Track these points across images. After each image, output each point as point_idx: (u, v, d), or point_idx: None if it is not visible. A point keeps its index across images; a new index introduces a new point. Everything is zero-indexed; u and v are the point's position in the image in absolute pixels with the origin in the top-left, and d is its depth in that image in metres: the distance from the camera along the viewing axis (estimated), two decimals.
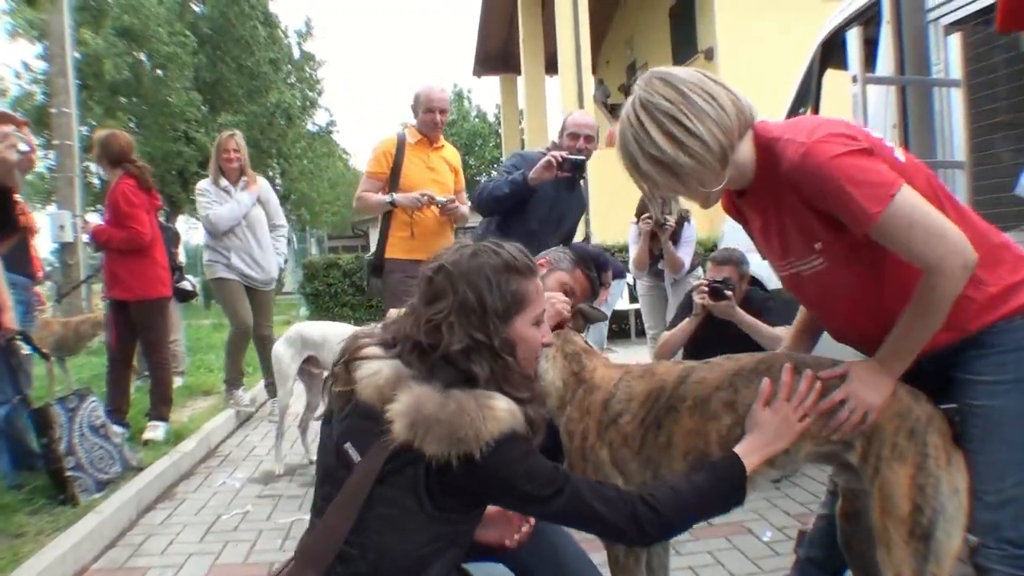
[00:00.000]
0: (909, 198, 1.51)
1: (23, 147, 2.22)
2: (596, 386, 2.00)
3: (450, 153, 4.64)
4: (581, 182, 4.24)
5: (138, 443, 4.53)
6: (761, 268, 3.87)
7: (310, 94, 26.08)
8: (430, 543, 1.48)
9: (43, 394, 4.32)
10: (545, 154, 3.82)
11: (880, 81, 3.23)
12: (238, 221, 5.40)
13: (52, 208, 11.58)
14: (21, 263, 4.05)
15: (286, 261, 5.47)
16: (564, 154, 3.71)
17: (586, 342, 2.23)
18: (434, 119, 4.36)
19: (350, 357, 1.55)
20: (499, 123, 25.62)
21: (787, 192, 1.63)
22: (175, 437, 4.68)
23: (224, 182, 5.42)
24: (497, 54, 18.22)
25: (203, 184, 5.49)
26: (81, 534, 3.11)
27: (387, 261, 4.32)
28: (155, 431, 4.70)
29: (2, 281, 3.58)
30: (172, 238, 6.39)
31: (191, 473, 4.40)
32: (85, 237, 4.43)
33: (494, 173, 4.25)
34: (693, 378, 1.85)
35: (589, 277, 2.73)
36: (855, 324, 1.80)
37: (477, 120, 33.10)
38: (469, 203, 4.43)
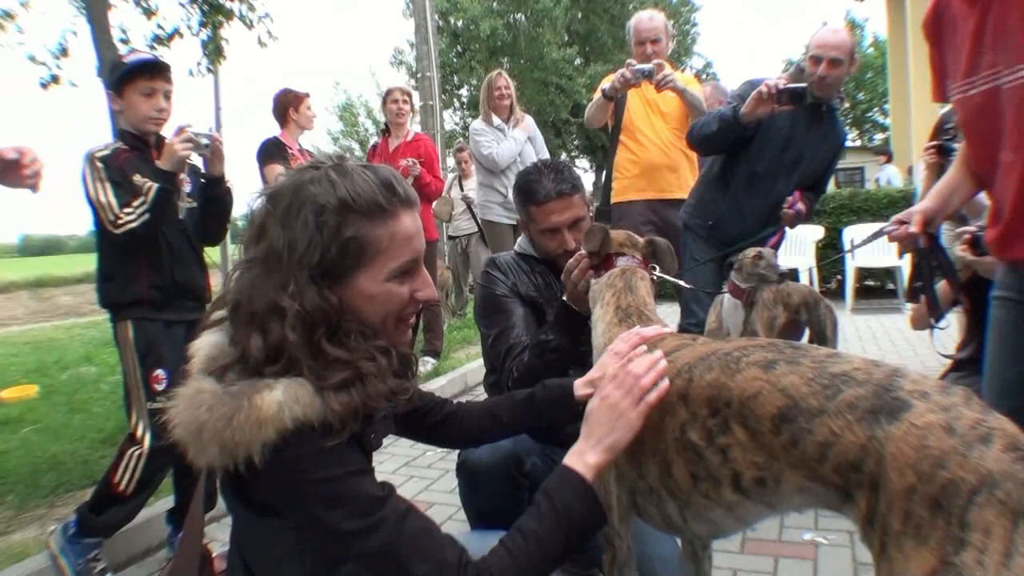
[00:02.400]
0: None
1: (204, 142, 2.52)
2: None
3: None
4: (834, 115, 3.45)
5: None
6: None
7: (686, 41, 25.75)
8: (296, 558, 1.22)
9: None
10: (790, 81, 3.20)
11: None
12: (515, 158, 5.47)
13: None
14: None
15: None
16: (781, 83, 3.05)
17: (658, 282, 1.86)
18: (644, 51, 3.96)
19: (202, 326, 1.29)
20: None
21: None
22: (433, 373, 5.05)
23: (497, 120, 5.44)
24: None
25: (477, 124, 5.56)
26: None
27: (613, 208, 4.07)
28: (424, 365, 5.13)
29: None
30: None
31: None
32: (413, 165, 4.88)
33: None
34: (675, 355, 1.42)
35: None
36: None
37: (872, 51, 29.33)
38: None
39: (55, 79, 5.50)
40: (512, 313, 2.19)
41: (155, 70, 2.56)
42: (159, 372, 2.54)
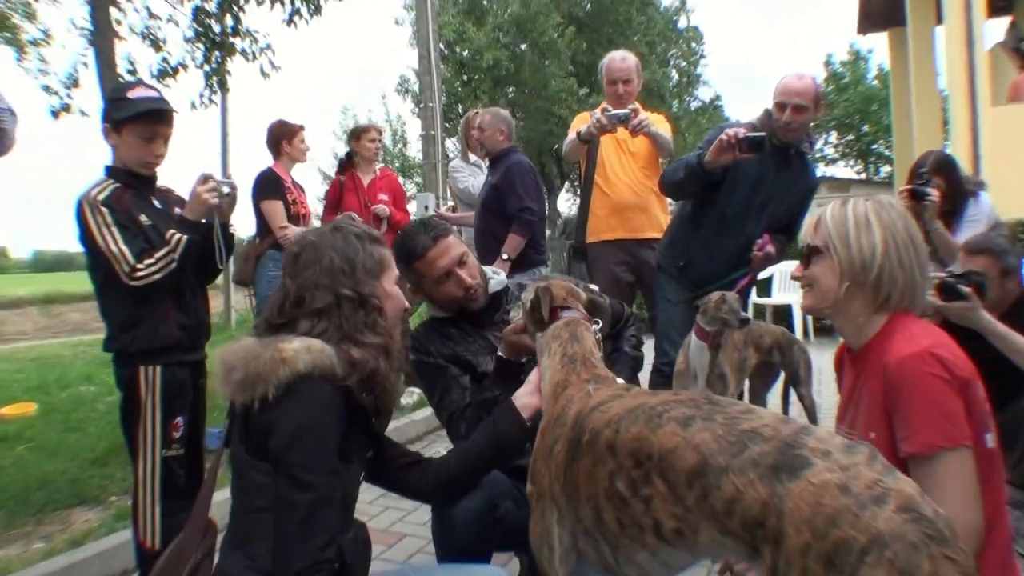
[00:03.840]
0: (965, 464, 1.48)
1: (226, 190, 2.57)
2: (558, 402, 1.70)
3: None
4: (804, 158, 3.57)
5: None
6: None
7: (692, 70, 26.01)
8: (273, 511, 1.51)
9: None
10: (756, 126, 3.35)
11: None
12: None
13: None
14: None
15: None
16: (741, 131, 3.18)
17: (598, 341, 1.94)
18: (616, 91, 4.09)
19: None
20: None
21: (876, 375, 1.63)
22: (420, 404, 5.15)
23: (473, 157, 5.55)
24: (883, 7, 16.09)
25: (455, 163, 5.74)
26: None
27: (589, 247, 4.20)
28: (410, 396, 5.22)
29: None
30: None
31: (414, 440, 4.75)
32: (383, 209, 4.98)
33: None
34: (606, 405, 1.50)
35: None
36: None
37: (876, 83, 29.48)
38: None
39: (66, 108, 5.69)
40: (444, 377, 2.29)
41: (158, 118, 2.49)
42: (179, 420, 2.49)
